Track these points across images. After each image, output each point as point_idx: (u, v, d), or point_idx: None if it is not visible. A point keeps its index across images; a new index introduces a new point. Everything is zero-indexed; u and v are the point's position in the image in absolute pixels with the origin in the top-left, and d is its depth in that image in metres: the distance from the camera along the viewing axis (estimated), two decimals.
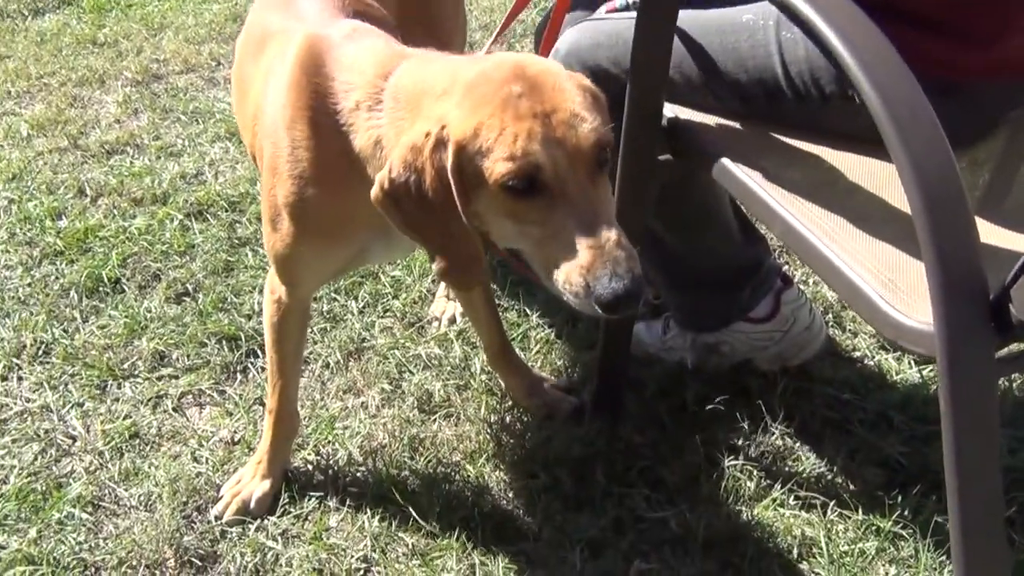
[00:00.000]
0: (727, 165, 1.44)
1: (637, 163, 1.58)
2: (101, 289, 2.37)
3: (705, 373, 1.97)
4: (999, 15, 1.36)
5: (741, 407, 1.89)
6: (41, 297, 2.35)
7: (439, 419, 1.93)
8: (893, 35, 1.08)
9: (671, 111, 1.57)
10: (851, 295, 1.21)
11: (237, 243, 2.50)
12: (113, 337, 2.21)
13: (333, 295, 2.28)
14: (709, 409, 1.89)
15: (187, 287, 2.36)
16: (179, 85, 3.45)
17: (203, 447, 1.91)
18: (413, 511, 1.72)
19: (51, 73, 3.63)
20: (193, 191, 2.73)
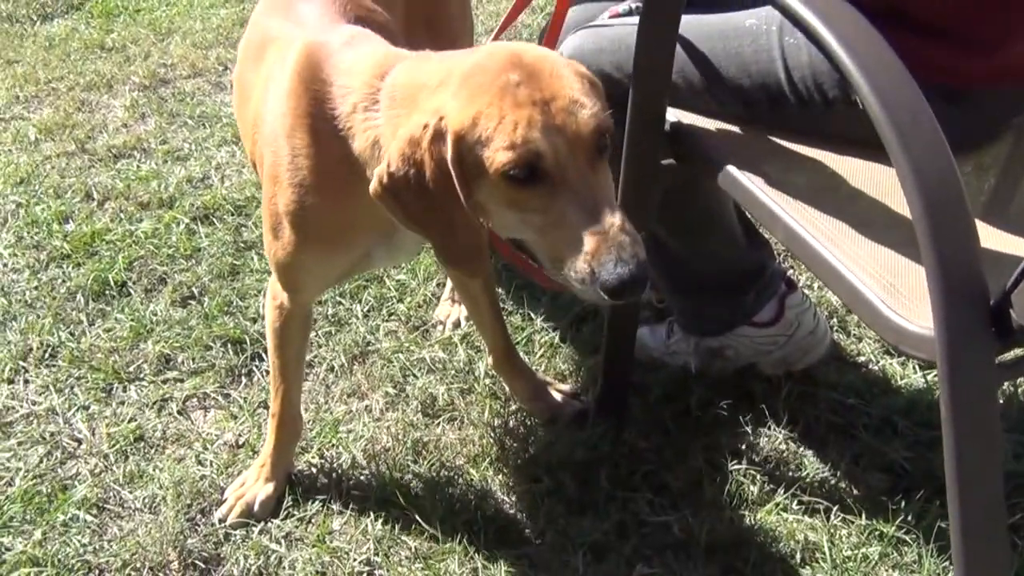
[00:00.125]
0: (730, 170, 1.43)
1: (640, 168, 1.58)
2: (107, 292, 2.38)
3: (709, 377, 1.96)
4: (1001, 21, 1.36)
5: (745, 411, 1.89)
6: (48, 300, 2.36)
7: (443, 423, 1.93)
8: (896, 41, 1.08)
9: (674, 116, 1.57)
10: (853, 299, 1.21)
11: (243, 247, 2.50)
12: (119, 340, 2.22)
13: (338, 299, 2.29)
14: (713, 413, 1.89)
15: (193, 291, 2.36)
16: (186, 89, 3.47)
17: (207, 450, 1.92)
18: (416, 514, 1.72)
19: (59, 78, 3.64)
20: (199, 195, 2.74)
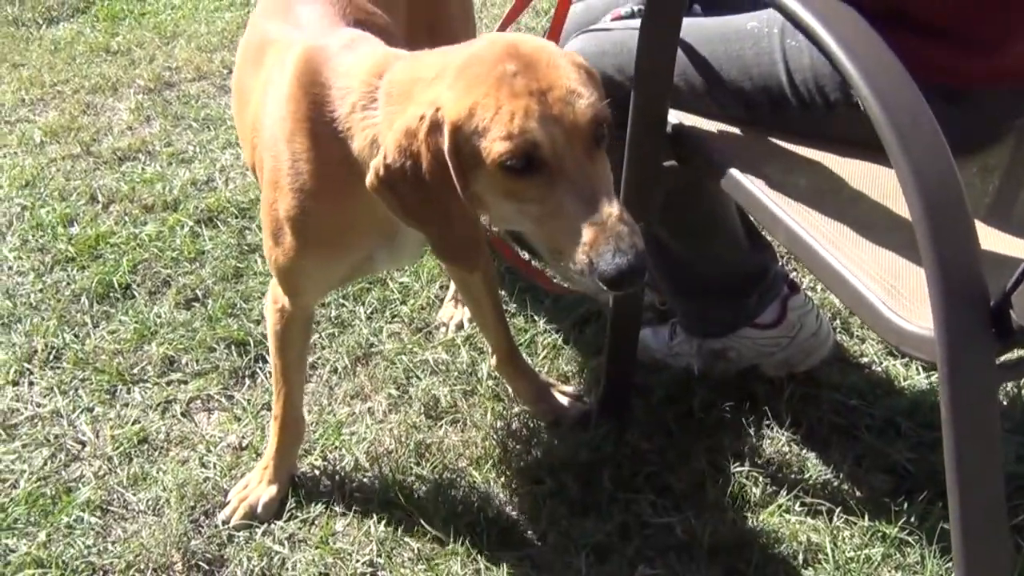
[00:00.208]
0: (731, 172, 1.43)
1: (642, 170, 1.58)
2: (112, 295, 2.39)
3: (712, 379, 1.96)
4: (1001, 22, 1.36)
5: (748, 413, 1.89)
6: (52, 303, 2.37)
7: (445, 425, 1.94)
8: (895, 42, 1.08)
9: (676, 118, 1.57)
10: (854, 301, 1.21)
11: (247, 249, 2.51)
12: (123, 342, 2.23)
13: (341, 301, 2.29)
14: (716, 415, 1.89)
15: (197, 293, 2.37)
16: (191, 92, 3.48)
17: (211, 452, 1.92)
18: (419, 516, 1.73)
19: (65, 81, 3.66)
20: (204, 198, 2.75)
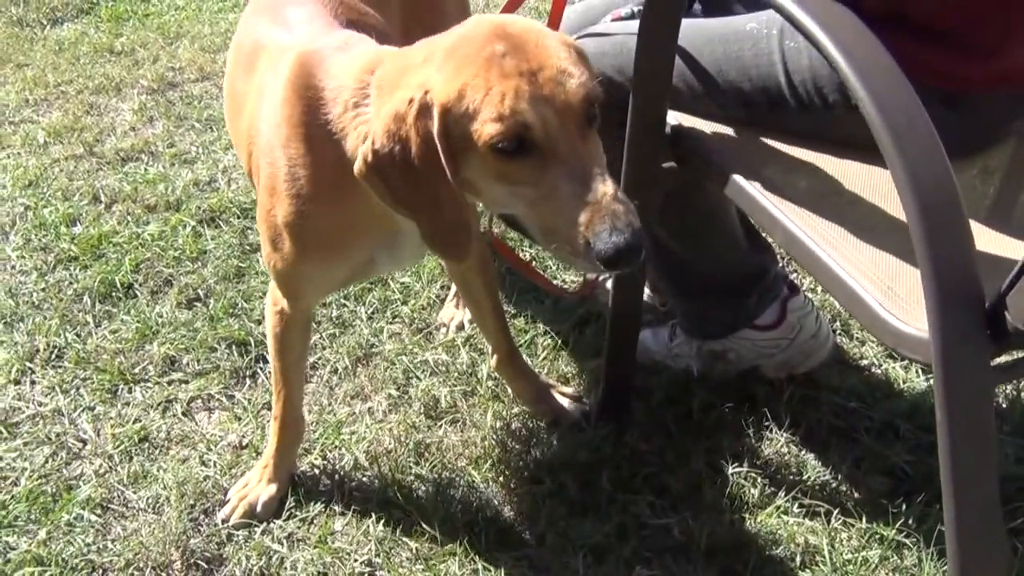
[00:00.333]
0: (730, 173, 1.44)
1: (641, 171, 1.58)
2: (114, 294, 2.40)
3: (711, 380, 1.97)
4: (1002, 24, 1.36)
5: (747, 415, 1.89)
6: (55, 302, 2.38)
7: (445, 425, 1.94)
8: (893, 45, 1.08)
9: (675, 119, 1.58)
10: (851, 303, 1.21)
11: (248, 249, 2.52)
12: (125, 342, 2.23)
13: (343, 301, 2.29)
14: (715, 416, 1.90)
15: (198, 293, 2.38)
16: (194, 93, 3.48)
17: (211, 451, 1.93)
18: (417, 516, 1.73)
19: (68, 81, 3.67)
20: (206, 198, 2.76)
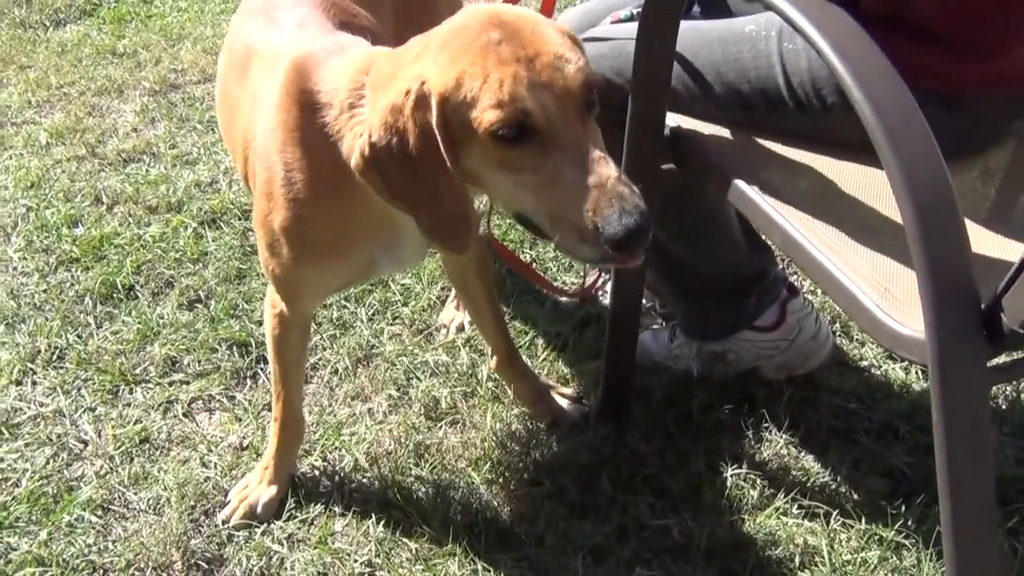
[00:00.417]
0: (729, 175, 1.44)
1: (640, 173, 1.58)
2: (115, 296, 2.40)
3: (711, 382, 1.97)
4: (1001, 25, 1.36)
5: (746, 416, 1.90)
6: (56, 303, 2.38)
7: (445, 426, 1.94)
8: (890, 47, 1.08)
9: (674, 121, 1.58)
10: (849, 304, 1.21)
11: (249, 251, 2.52)
12: (126, 343, 2.24)
13: (343, 302, 2.30)
14: (714, 418, 1.90)
15: (199, 294, 2.38)
16: (196, 95, 3.49)
17: (212, 452, 1.93)
18: (417, 517, 1.73)
19: (71, 83, 3.67)
20: (207, 199, 2.76)
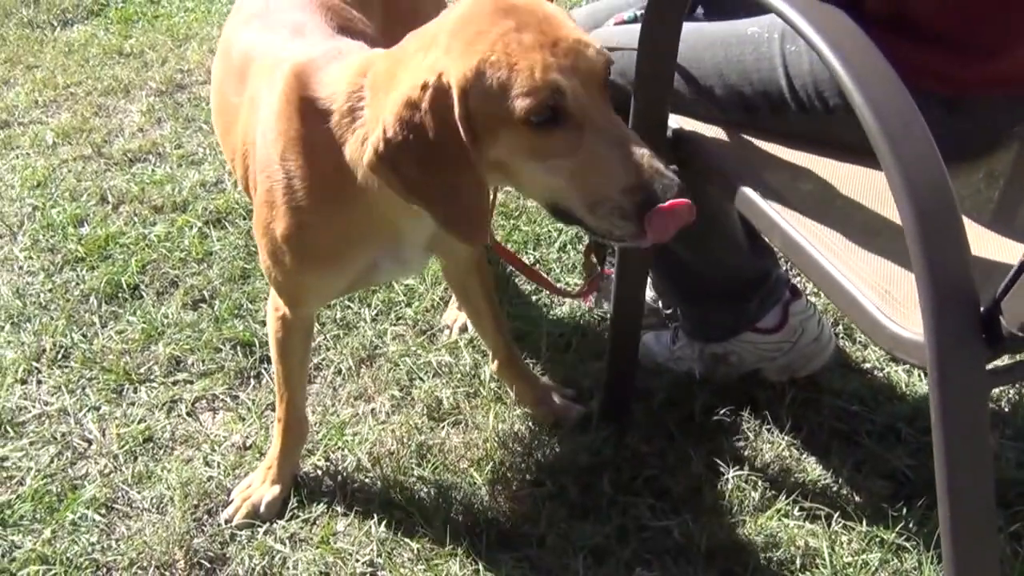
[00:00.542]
0: (730, 177, 1.45)
1: None
2: (120, 295, 2.41)
3: (713, 383, 1.97)
4: (1002, 26, 1.36)
5: (748, 418, 1.90)
6: (61, 302, 2.39)
7: (447, 426, 1.95)
8: (892, 48, 1.08)
9: (676, 122, 1.58)
10: (849, 306, 1.22)
11: (254, 251, 2.52)
12: (130, 342, 2.25)
13: (346, 303, 2.30)
14: (716, 419, 1.90)
15: (204, 294, 2.39)
16: (202, 95, 3.50)
17: (215, 451, 1.94)
18: (419, 517, 1.74)
19: (77, 83, 3.68)
20: (212, 199, 2.77)
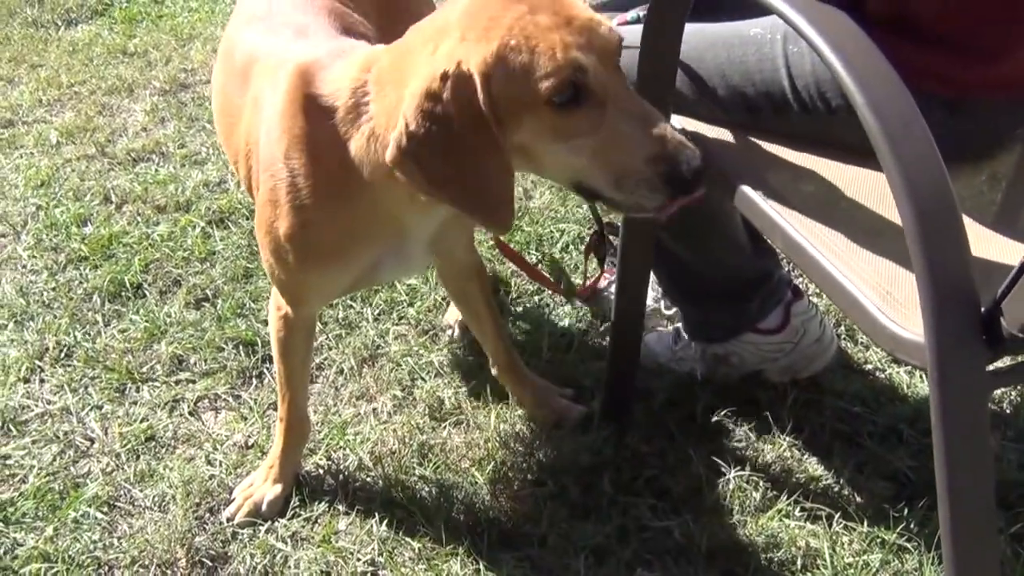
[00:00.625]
0: (732, 177, 1.44)
1: None
2: (123, 294, 2.42)
3: (714, 384, 1.97)
4: (1004, 28, 1.36)
5: (750, 418, 1.90)
6: (65, 301, 2.40)
7: (449, 426, 1.95)
8: (894, 50, 1.08)
9: (678, 123, 1.58)
10: (849, 307, 1.21)
11: (256, 250, 2.51)
12: (133, 341, 2.25)
13: (349, 303, 2.31)
14: (717, 420, 1.90)
15: (207, 293, 2.39)
16: (205, 94, 3.50)
17: (217, 450, 1.95)
18: (420, 516, 1.74)
19: (82, 82, 3.69)
20: (215, 199, 2.78)
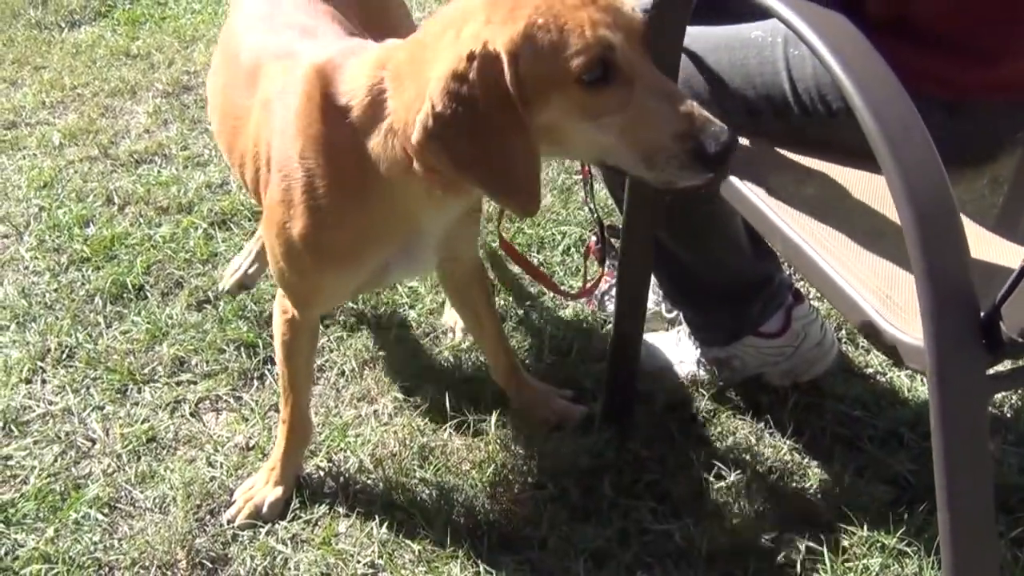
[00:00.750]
0: (732, 179, 1.45)
1: None
2: (125, 295, 2.42)
3: (715, 387, 1.97)
4: (1003, 30, 1.36)
5: (750, 422, 1.90)
6: (67, 302, 2.40)
7: (449, 428, 1.95)
8: (893, 53, 1.09)
9: None
10: (849, 310, 1.22)
11: None
12: (135, 342, 2.25)
13: (351, 305, 2.31)
14: (718, 423, 1.90)
15: (208, 295, 2.40)
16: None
17: (218, 452, 1.95)
18: (421, 519, 1.74)
19: (84, 84, 3.69)
20: (218, 200, 2.78)
